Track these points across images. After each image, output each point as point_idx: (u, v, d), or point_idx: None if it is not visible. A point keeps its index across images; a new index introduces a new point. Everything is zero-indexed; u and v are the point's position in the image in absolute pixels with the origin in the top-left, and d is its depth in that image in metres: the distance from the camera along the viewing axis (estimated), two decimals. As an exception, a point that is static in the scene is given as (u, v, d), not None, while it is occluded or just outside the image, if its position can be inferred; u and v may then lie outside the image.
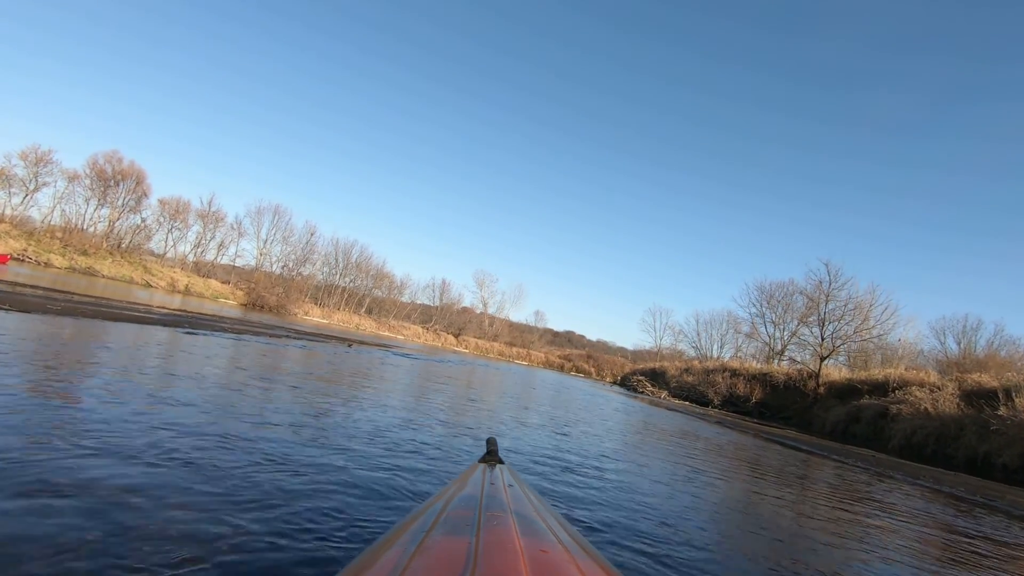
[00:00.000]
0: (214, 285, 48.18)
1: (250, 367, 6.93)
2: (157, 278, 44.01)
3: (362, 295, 58.26)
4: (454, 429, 5.42)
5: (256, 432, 3.56)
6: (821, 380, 22.80)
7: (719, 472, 6.62)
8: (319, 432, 3.96)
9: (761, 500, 5.15)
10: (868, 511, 5.60)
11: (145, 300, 17.93)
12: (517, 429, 6.59)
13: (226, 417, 3.82)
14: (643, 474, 5.26)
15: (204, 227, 50.58)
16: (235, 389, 5.02)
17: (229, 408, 4.17)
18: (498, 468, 1.90)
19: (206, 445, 3.02)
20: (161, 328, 9.17)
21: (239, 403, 4.45)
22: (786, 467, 8.44)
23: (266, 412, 4.31)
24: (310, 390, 5.92)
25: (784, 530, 4.02)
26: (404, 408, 6.17)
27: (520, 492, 1.56)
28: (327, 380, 7.36)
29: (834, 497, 6.30)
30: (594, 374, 57.93)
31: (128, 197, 47.72)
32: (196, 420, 3.55)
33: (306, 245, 54.21)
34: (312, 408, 4.90)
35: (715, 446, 9.83)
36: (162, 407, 3.72)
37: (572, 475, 4.38)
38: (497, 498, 1.39)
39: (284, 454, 3.18)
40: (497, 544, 0.98)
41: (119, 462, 2.48)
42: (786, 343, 41.28)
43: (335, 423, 4.47)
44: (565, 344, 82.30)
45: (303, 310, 48.98)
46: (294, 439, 3.59)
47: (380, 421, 4.94)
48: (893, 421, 16.16)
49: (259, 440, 3.37)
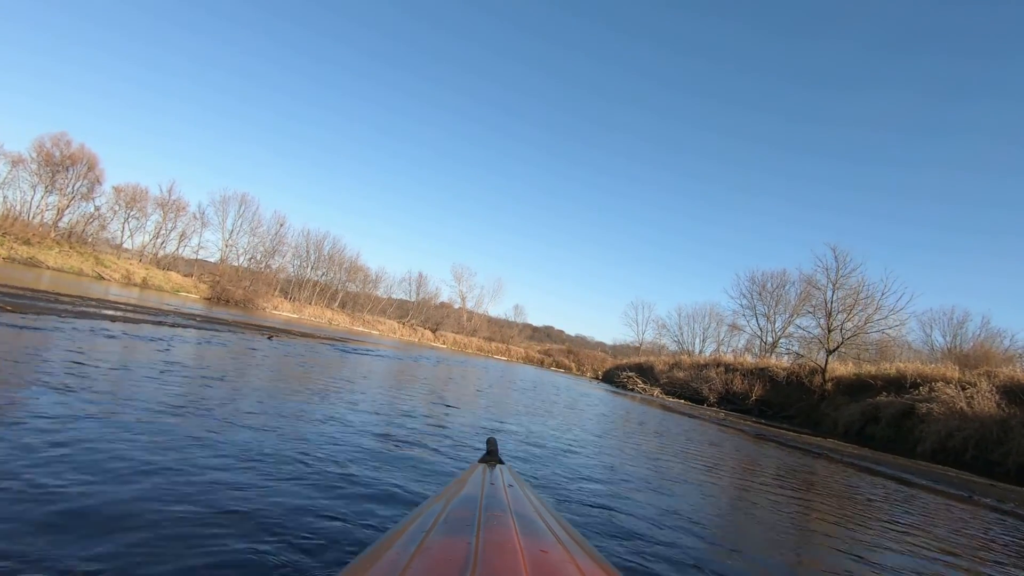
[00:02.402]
0: (174, 278, 45.02)
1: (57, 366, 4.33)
2: (111, 270, 40.80)
3: (335, 289, 55.19)
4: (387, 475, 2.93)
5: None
6: (827, 375, 20.67)
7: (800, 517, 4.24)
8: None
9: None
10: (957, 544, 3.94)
11: (75, 292, 15.06)
12: (516, 448, 4.88)
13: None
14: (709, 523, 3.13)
15: (164, 216, 47.28)
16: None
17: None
18: (498, 468, 1.82)
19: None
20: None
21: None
22: (825, 480, 6.10)
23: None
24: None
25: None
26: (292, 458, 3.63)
27: (520, 492, 1.52)
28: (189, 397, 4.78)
29: (900, 524, 4.56)
30: (574, 369, 55.84)
31: (79, 183, 44.26)
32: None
33: (275, 236, 51.07)
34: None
35: (770, 467, 7.45)
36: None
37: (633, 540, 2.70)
38: (497, 498, 1.36)
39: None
40: (497, 544, 0.97)
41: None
42: (778, 336, 39.49)
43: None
44: (544, 339, 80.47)
45: (272, 304, 46.10)
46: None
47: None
48: (922, 422, 13.99)
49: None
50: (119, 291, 24.39)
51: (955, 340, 36.04)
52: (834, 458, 10.66)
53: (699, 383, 27.03)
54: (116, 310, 11.17)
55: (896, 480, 8.59)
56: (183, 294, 41.22)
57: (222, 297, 42.49)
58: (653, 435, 8.99)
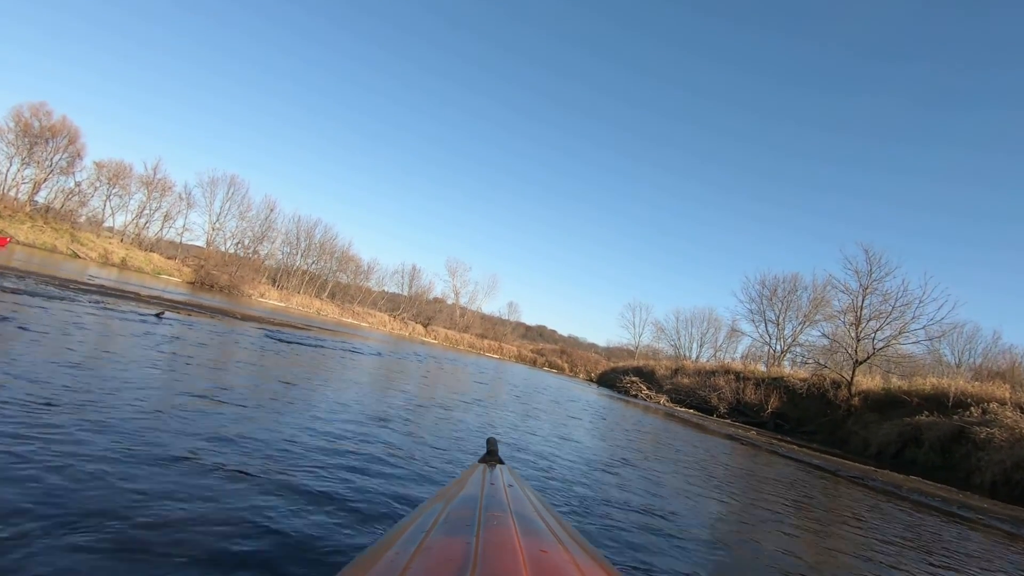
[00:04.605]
0: (156, 260, 42.89)
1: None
2: (87, 248, 38.64)
3: (325, 278, 53.06)
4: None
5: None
6: (854, 389, 18.83)
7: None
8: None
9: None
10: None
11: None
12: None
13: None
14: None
15: (148, 195, 45.04)
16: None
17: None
18: (498, 468, 1.83)
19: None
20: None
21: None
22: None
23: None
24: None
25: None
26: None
27: (520, 492, 1.51)
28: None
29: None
30: (567, 370, 54.09)
31: (59, 157, 42.00)
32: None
33: (264, 221, 48.89)
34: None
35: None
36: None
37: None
38: (497, 498, 1.35)
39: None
40: (497, 544, 0.96)
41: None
42: (788, 344, 37.66)
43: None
44: (536, 338, 78.88)
45: (259, 291, 44.07)
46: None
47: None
48: (980, 449, 12.15)
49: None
50: (96, 271, 22.43)
51: (963, 355, 34.43)
52: (895, 493, 8.78)
53: (706, 391, 25.16)
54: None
55: (959, 520, 6.78)
56: (164, 277, 39.17)
57: (206, 282, 40.45)
58: (732, 480, 7.09)
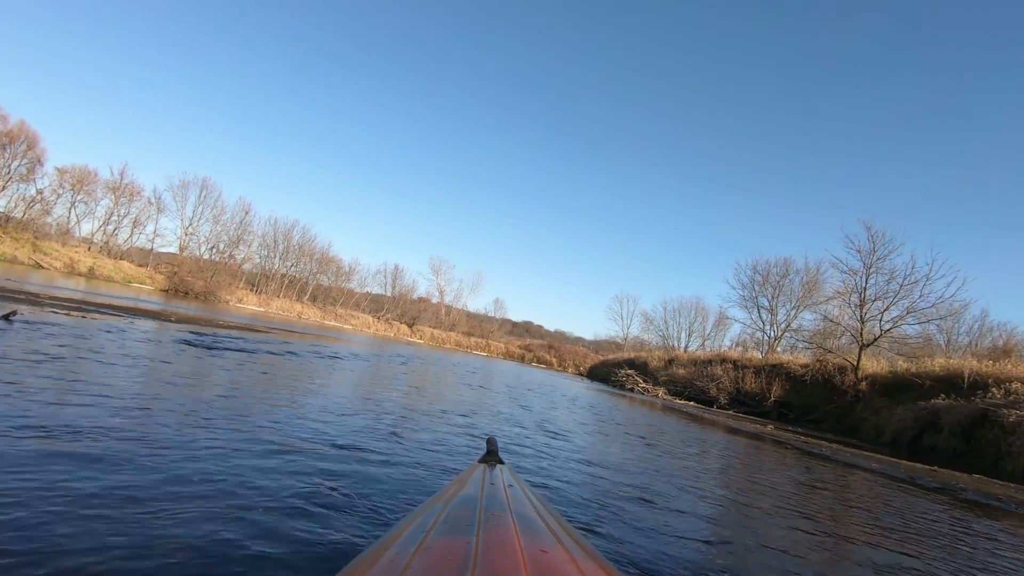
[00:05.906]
0: (126, 267, 41.02)
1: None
2: (51, 258, 36.68)
3: (305, 281, 51.35)
4: None
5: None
6: (860, 373, 17.91)
7: None
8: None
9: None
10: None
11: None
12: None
13: None
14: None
15: (115, 201, 43.02)
16: None
17: None
18: (498, 468, 1.82)
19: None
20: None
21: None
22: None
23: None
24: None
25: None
26: None
27: (520, 492, 1.50)
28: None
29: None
30: (556, 365, 53.03)
31: (17, 163, 39.88)
32: None
33: (240, 224, 47.04)
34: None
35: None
36: None
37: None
38: (497, 498, 1.35)
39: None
40: (497, 544, 0.95)
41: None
42: (782, 330, 36.89)
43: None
44: (523, 334, 77.78)
45: (236, 297, 42.37)
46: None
47: None
48: (1009, 433, 11.19)
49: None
50: (64, 282, 20.79)
51: (951, 334, 33.76)
52: (920, 484, 7.70)
53: (704, 382, 24.18)
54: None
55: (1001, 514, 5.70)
56: (136, 285, 37.40)
57: (180, 289, 38.87)
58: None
